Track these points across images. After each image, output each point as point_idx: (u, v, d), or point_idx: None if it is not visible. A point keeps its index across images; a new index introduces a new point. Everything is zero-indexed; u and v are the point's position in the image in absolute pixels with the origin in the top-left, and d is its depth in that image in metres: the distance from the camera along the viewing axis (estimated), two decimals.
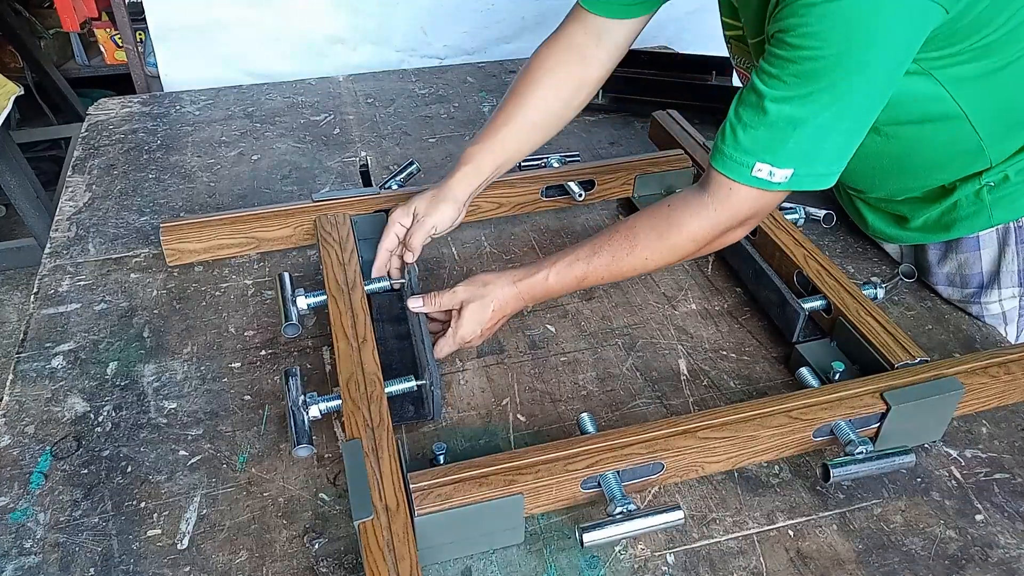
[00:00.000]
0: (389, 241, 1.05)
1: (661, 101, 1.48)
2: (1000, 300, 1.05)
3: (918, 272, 1.12)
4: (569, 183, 1.20)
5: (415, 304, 0.96)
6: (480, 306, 0.94)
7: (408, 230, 1.04)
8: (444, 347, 0.95)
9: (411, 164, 1.23)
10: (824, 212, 1.17)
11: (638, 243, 0.93)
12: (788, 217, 1.12)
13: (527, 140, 1.09)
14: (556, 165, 1.24)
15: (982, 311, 1.06)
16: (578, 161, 1.27)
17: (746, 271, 1.09)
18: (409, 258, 1.03)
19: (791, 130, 0.81)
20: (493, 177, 1.09)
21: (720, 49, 1.24)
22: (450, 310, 0.96)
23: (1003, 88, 0.89)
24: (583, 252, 0.95)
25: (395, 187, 1.20)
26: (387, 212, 1.15)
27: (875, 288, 1.01)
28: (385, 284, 1.02)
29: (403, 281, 1.03)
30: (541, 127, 1.09)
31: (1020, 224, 1.01)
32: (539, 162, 1.25)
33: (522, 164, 1.26)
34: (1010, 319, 1.07)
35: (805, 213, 1.16)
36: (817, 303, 0.98)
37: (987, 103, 0.90)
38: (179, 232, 1.11)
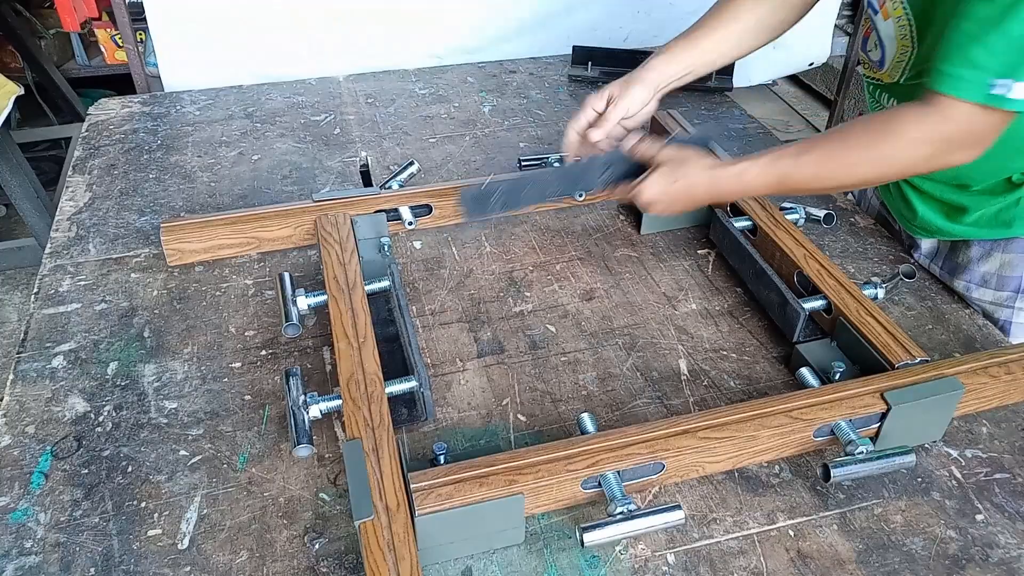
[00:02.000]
0: (580, 123, 1.10)
1: None
2: None
3: (950, 271, 1.10)
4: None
5: (628, 143, 1.02)
6: (670, 172, 0.97)
7: (601, 115, 1.09)
8: (618, 191, 1.03)
9: (411, 164, 1.23)
10: (824, 212, 1.17)
11: (850, 145, 0.88)
12: (788, 217, 1.12)
13: (726, 48, 1.11)
14: (557, 166, 1.24)
15: (1012, 316, 1.04)
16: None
17: (746, 271, 1.09)
18: (596, 135, 1.08)
19: None
20: (688, 72, 1.11)
21: None
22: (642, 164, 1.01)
23: None
24: (790, 150, 0.92)
25: (396, 187, 1.20)
26: (387, 212, 1.15)
27: (875, 288, 1.01)
28: (385, 285, 1.03)
29: (578, 159, 1.05)
30: (742, 39, 1.11)
31: None
32: (539, 162, 1.25)
33: (522, 164, 1.26)
34: None
35: (805, 213, 1.16)
36: (817, 303, 0.98)
37: None
38: (179, 232, 1.11)
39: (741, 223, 1.12)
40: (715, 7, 1.12)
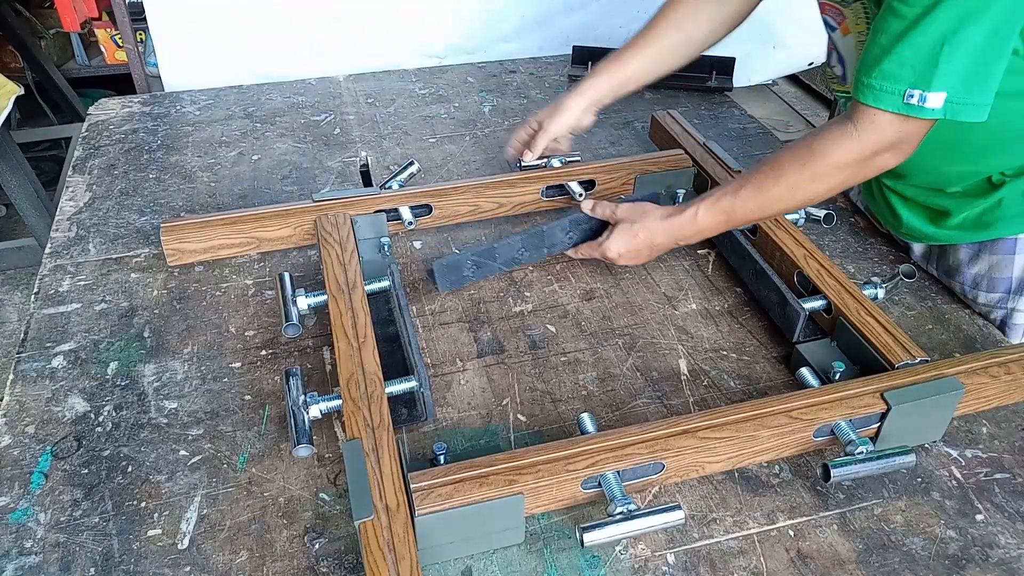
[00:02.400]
0: (519, 138, 1.26)
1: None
2: None
3: (945, 272, 1.10)
4: (569, 183, 1.21)
5: (587, 205, 1.10)
6: (629, 228, 1.04)
7: (535, 133, 1.23)
8: (583, 250, 1.11)
9: (411, 164, 1.23)
10: (824, 212, 1.17)
11: (783, 173, 0.94)
12: (788, 217, 1.12)
13: (652, 66, 1.20)
14: (557, 165, 1.24)
15: (1007, 317, 1.04)
16: (579, 162, 1.27)
17: (746, 271, 1.09)
18: (528, 157, 1.23)
19: (940, 48, 0.79)
20: (615, 91, 1.22)
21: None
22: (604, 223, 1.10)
23: None
24: (730, 188, 0.98)
25: (396, 187, 1.20)
26: (387, 212, 1.15)
27: (875, 288, 1.01)
28: (385, 285, 1.03)
29: (542, 225, 1.10)
30: (664, 58, 1.20)
31: None
32: (540, 162, 1.25)
33: (522, 165, 1.26)
34: None
35: (805, 213, 1.16)
36: (817, 303, 0.98)
37: None
38: (179, 232, 1.11)
39: None
40: (644, 27, 1.20)
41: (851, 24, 1.02)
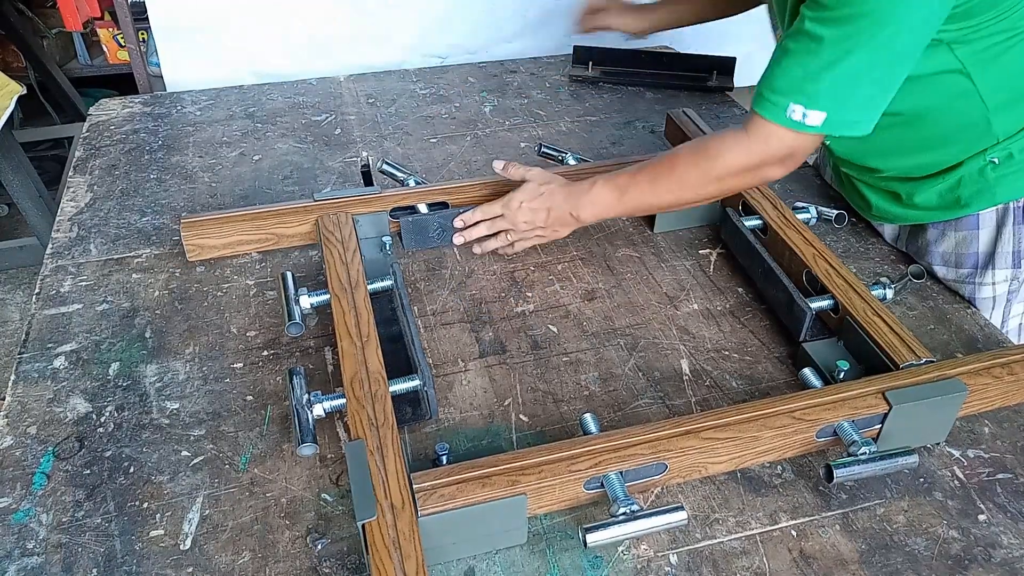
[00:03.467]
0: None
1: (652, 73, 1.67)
2: (993, 283, 1.06)
3: (915, 253, 1.13)
4: None
5: (498, 165, 1.13)
6: (534, 187, 1.08)
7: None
8: (484, 206, 1.12)
9: (411, 176, 1.24)
10: (836, 212, 1.17)
11: (678, 166, 0.99)
12: (800, 216, 1.12)
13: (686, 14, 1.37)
14: (572, 163, 1.25)
15: (975, 292, 1.07)
16: (589, 161, 1.27)
17: (755, 270, 1.09)
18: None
19: (823, 72, 0.84)
20: (666, 19, 1.40)
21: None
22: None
23: (1013, 63, 0.91)
24: (630, 169, 1.03)
25: (412, 183, 1.20)
26: (389, 213, 1.15)
27: (884, 288, 1.01)
28: (388, 284, 1.02)
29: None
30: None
31: (1020, 204, 1.01)
32: (558, 156, 1.26)
33: (542, 151, 1.27)
34: (998, 303, 1.07)
35: (817, 212, 1.16)
36: (825, 303, 0.98)
37: (997, 77, 0.92)
38: (199, 228, 1.12)
39: (752, 222, 1.12)
40: None
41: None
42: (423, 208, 1.16)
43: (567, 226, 1.10)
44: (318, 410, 0.84)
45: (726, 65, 1.65)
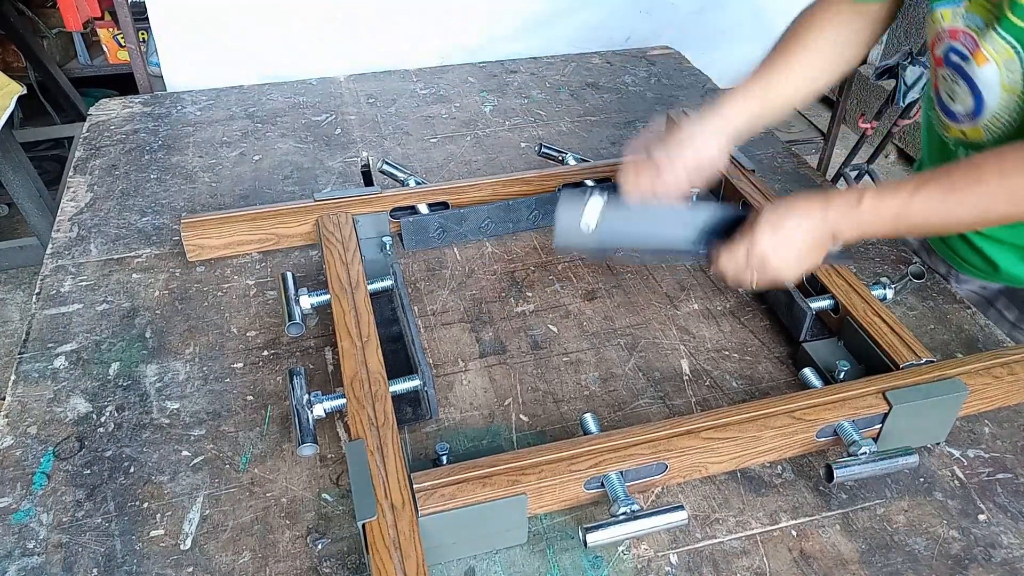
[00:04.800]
0: (633, 180, 0.97)
1: None
2: None
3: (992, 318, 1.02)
4: (587, 181, 1.21)
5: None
6: (775, 214, 0.86)
7: (662, 164, 0.97)
8: (723, 257, 0.89)
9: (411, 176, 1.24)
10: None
11: (982, 179, 0.77)
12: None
13: (802, 84, 1.00)
14: (572, 163, 1.25)
15: None
16: (589, 160, 1.27)
17: None
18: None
19: None
20: (750, 125, 0.99)
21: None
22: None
23: None
24: (908, 184, 0.81)
25: (413, 184, 1.20)
26: (389, 213, 1.15)
27: (884, 288, 1.01)
28: (388, 284, 1.02)
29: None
30: (819, 70, 0.99)
31: None
32: (558, 156, 1.26)
33: (543, 151, 1.27)
34: None
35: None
36: (825, 303, 0.98)
37: None
38: (199, 228, 1.12)
39: None
40: (781, 41, 1.01)
41: (992, 52, 0.88)
42: (423, 208, 1.16)
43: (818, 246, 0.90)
44: (318, 410, 0.84)
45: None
